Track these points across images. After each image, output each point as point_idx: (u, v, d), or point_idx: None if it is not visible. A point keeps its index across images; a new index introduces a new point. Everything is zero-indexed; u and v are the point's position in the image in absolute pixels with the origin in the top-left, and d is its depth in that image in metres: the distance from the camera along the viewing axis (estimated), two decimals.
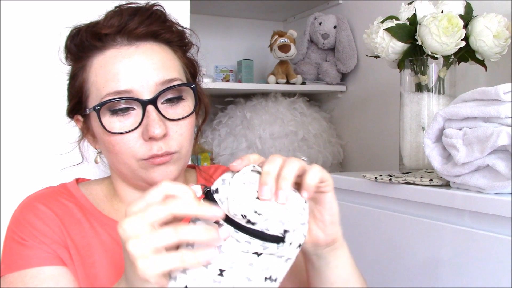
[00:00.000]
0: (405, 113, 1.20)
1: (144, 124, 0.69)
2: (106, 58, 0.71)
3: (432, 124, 0.92)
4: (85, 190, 0.81)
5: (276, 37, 2.02)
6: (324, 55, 2.05)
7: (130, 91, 0.69)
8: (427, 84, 1.17)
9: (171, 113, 0.71)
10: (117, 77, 0.69)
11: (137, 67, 0.70)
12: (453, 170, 0.87)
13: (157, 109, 0.69)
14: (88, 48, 0.72)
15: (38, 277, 0.69)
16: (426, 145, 0.93)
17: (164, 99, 0.72)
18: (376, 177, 1.02)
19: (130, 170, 0.73)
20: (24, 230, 0.72)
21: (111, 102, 0.69)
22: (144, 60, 0.70)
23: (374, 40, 1.20)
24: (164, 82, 0.71)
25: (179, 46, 0.77)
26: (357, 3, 1.91)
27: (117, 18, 0.71)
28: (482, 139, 0.81)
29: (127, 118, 0.70)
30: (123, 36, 0.71)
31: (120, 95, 0.69)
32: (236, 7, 2.13)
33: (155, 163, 0.71)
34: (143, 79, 0.69)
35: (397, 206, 1.01)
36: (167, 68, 0.72)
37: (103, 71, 0.70)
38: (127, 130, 0.70)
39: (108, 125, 0.70)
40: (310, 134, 1.93)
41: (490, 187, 0.82)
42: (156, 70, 0.70)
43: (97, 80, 0.71)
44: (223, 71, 2.13)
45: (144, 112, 0.69)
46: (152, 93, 0.70)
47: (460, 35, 1.09)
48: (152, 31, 0.72)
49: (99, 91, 0.71)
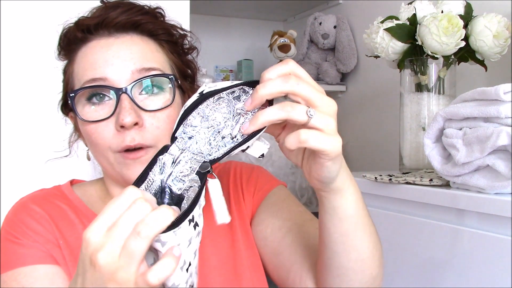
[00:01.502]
0: (405, 113, 1.20)
1: (117, 113, 0.68)
2: (88, 49, 0.72)
3: (432, 124, 0.92)
4: (79, 191, 0.81)
5: (276, 37, 2.02)
6: (324, 55, 2.05)
7: (105, 78, 0.68)
8: (427, 84, 1.17)
9: (148, 103, 0.69)
10: (94, 65, 0.69)
11: (113, 56, 0.69)
12: (453, 170, 0.87)
13: (131, 98, 0.68)
14: (73, 41, 0.73)
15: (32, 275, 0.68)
16: (426, 145, 0.93)
17: (142, 89, 0.70)
18: (376, 177, 1.02)
19: (109, 163, 0.72)
20: (17, 230, 0.72)
21: (86, 90, 0.69)
22: (122, 49, 0.70)
23: (374, 40, 1.20)
24: (141, 71, 0.69)
25: (166, 40, 0.76)
26: (357, 3, 1.91)
27: (100, 10, 0.73)
28: (482, 139, 0.81)
29: (102, 108, 0.70)
30: (104, 28, 0.72)
31: (96, 82, 0.69)
32: (236, 7, 2.13)
33: (129, 158, 0.69)
34: (118, 67, 0.69)
35: (397, 206, 1.01)
36: (146, 57, 0.71)
37: (83, 60, 0.71)
38: (101, 119, 0.69)
39: (84, 114, 0.70)
40: None
41: (490, 187, 0.82)
42: (133, 59, 0.70)
43: (78, 71, 0.72)
44: (223, 71, 2.13)
45: (117, 100, 0.68)
46: (128, 81, 0.69)
47: (460, 35, 1.09)
48: (133, 21, 0.72)
49: (79, 80, 0.71)
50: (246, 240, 0.79)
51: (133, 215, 0.45)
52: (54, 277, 0.69)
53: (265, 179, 0.86)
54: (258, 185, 0.84)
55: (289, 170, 1.87)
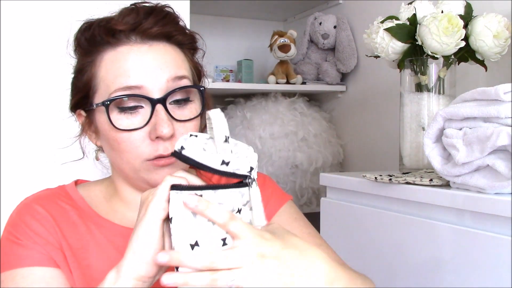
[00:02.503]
0: (405, 113, 1.20)
1: (152, 123, 0.69)
2: (118, 54, 0.70)
3: (432, 124, 0.92)
4: (83, 191, 0.81)
5: (276, 37, 2.02)
6: (324, 55, 2.05)
7: (141, 87, 0.69)
8: (427, 84, 1.17)
9: (178, 114, 0.71)
10: (128, 72, 0.69)
11: (148, 64, 0.69)
12: (453, 170, 0.87)
13: (166, 109, 0.69)
14: (100, 43, 0.72)
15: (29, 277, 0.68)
16: (426, 145, 0.93)
17: (172, 100, 0.71)
18: (376, 177, 1.02)
19: (133, 170, 0.72)
20: (19, 230, 0.72)
21: (119, 99, 0.69)
22: (156, 57, 0.70)
23: (374, 40, 1.20)
24: (175, 79, 0.70)
25: (189, 49, 0.78)
26: (357, 3, 1.91)
27: (132, 15, 0.71)
28: (482, 139, 0.81)
29: (134, 116, 0.70)
30: (137, 34, 0.71)
31: (130, 90, 0.69)
32: (236, 7, 2.13)
33: (159, 165, 0.70)
34: (154, 76, 0.69)
35: (397, 206, 1.01)
36: (178, 66, 0.72)
37: (114, 66, 0.70)
38: (135, 128, 0.69)
39: (116, 121, 0.69)
40: (310, 134, 1.93)
41: (490, 187, 0.82)
42: (167, 67, 0.70)
43: (107, 76, 0.70)
44: (223, 71, 2.13)
45: (153, 110, 0.69)
46: (162, 91, 0.69)
47: (460, 35, 1.09)
48: (166, 32, 0.72)
49: (108, 86, 0.70)
50: None
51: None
52: (51, 280, 0.69)
53: (278, 192, 0.87)
54: (273, 198, 0.85)
55: (289, 170, 1.87)
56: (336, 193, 1.20)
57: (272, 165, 1.83)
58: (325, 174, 1.24)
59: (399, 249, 0.99)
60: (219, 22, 2.25)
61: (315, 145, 1.92)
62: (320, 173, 1.26)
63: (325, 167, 1.93)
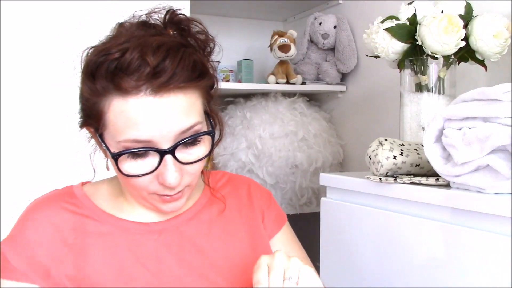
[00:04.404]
0: (405, 113, 1.20)
1: (159, 170, 0.70)
2: (127, 105, 0.66)
3: (432, 124, 0.92)
4: (89, 190, 0.82)
5: (276, 37, 2.02)
6: (324, 55, 2.05)
7: (150, 141, 0.67)
8: (427, 84, 1.17)
9: (186, 156, 0.71)
10: (137, 126, 0.66)
11: (158, 118, 0.66)
12: (453, 170, 0.87)
13: (175, 157, 0.69)
14: (107, 89, 0.67)
15: None
16: (426, 145, 0.93)
17: (183, 146, 0.71)
18: (381, 179, 1.02)
19: (141, 197, 0.75)
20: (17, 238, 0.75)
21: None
22: (167, 110, 0.67)
23: (374, 40, 1.20)
24: (185, 131, 0.69)
25: (201, 79, 0.72)
26: (357, 3, 1.91)
27: (144, 65, 0.65)
28: (481, 139, 0.81)
29: (143, 159, 0.69)
30: (149, 87, 0.66)
31: (140, 143, 0.67)
32: (236, 7, 2.13)
33: (167, 201, 0.74)
34: (163, 130, 0.67)
35: (397, 206, 1.01)
36: (188, 114, 0.69)
37: (123, 116, 0.66)
38: (142, 173, 0.70)
39: (124, 168, 0.70)
40: (310, 134, 1.93)
41: (490, 187, 0.83)
42: (177, 119, 0.68)
43: (116, 123, 0.67)
44: (223, 71, 2.13)
45: (161, 160, 0.69)
46: (172, 141, 0.69)
47: (460, 35, 1.09)
48: (180, 87, 0.67)
49: (118, 133, 0.68)
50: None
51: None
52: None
53: (280, 213, 0.94)
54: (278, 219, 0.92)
55: (289, 170, 1.86)
56: (336, 193, 1.20)
57: (272, 165, 1.83)
58: (325, 174, 1.25)
59: (399, 249, 0.99)
60: (219, 22, 2.25)
61: (315, 145, 1.92)
62: (320, 173, 1.26)
63: (325, 167, 1.93)
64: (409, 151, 1.03)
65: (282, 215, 0.94)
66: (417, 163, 1.03)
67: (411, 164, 1.03)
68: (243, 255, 0.82)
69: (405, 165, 1.02)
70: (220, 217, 0.84)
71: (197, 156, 0.72)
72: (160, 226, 0.79)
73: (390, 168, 1.02)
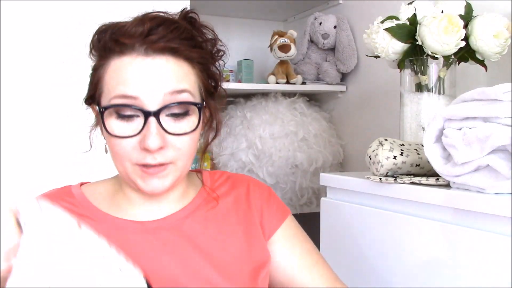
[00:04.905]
0: (405, 113, 1.20)
1: (143, 134, 0.71)
2: (122, 63, 0.72)
3: (432, 124, 0.92)
4: (87, 190, 0.83)
5: (276, 37, 2.02)
6: (324, 55, 2.05)
7: (137, 97, 0.70)
8: (427, 84, 1.17)
9: (173, 126, 0.72)
10: (127, 82, 0.70)
11: (147, 76, 0.70)
12: (453, 170, 0.87)
13: (159, 122, 0.70)
14: (109, 50, 0.73)
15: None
16: (426, 145, 0.93)
17: (170, 113, 0.72)
18: (381, 179, 1.02)
19: (125, 172, 0.75)
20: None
21: (118, 107, 0.71)
22: (157, 71, 0.71)
23: (374, 40, 1.20)
24: (173, 93, 0.71)
25: (199, 62, 0.77)
26: (357, 3, 1.91)
27: (140, 26, 0.72)
28: (481, 139, 0.81)
29: (130, 123, 0.72)
30: (142, 46, 0.71)
31: (127, 99, 0.70)
32: (236, 7, 2.13)
33: (147, 173, 0.73)
34: (150, 88, 0.70)
35: (397, 206, 1.01)
36: (178, 79, 0.72)
37: (116, 74, 0.72)
38: (126, 135, 0.71)
39: (110, 127, 0.72)
40: (310, 134, 1.93)
41: (490, 187, 0.83)
42: (166, 81, 0.71)
43: (110, 81, 0.72)
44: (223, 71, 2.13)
45: (145, 122, 0.70)
46: (159, 103, 0.71)
47: (460, 35, 1.09)
48: (171, 48, 0.72)
49: (109, 92, 0.72)
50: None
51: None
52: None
53: (282, 207, 0.92)
54: (278, 213, 0.90)
55: (289, 170, 1.86)
56: (336, 193, 1.20)
57: (272, 165, 1.83)
58: (325, 174, 1.25)
59: (399, 249, 0.99)
60: (219, 22, 2.25)
61: (315, 145, 1.92)
62: (320, 173, 1.26)
63: (325, 167, 1.93)
64: (409, 151, 1.03)
65: (283, 209, 0.92)
66: (417, 163, 1.03)
67: (411, 164, 1.03)
68: (238, 254, 0.82)
69: (405, 165, 1.02)
70: (216, 216, 0.84)
71: (184, 130, 0.73)
72: (155, 224, 0.79)
73: (390, 168, 1.02)
